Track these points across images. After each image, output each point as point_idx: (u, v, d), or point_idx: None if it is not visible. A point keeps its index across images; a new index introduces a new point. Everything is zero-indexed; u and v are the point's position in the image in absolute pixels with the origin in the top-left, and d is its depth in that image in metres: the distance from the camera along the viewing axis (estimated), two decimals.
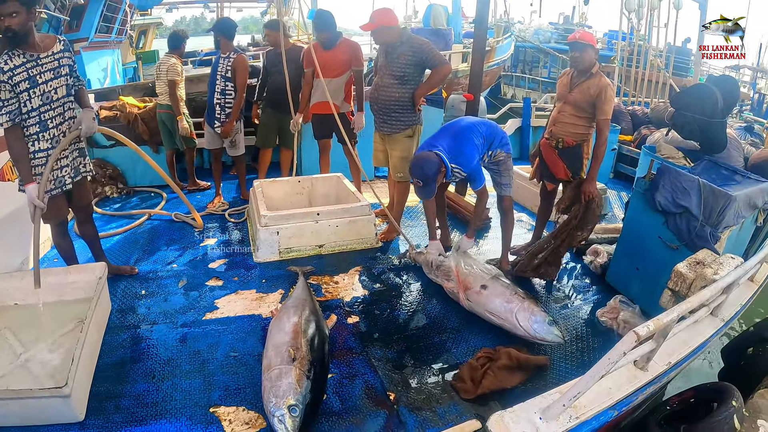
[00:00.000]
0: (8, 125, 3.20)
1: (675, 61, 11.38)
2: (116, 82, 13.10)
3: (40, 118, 3.32)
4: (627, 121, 7.96)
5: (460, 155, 3.86)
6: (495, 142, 4.05)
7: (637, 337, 1.90)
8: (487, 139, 4.00)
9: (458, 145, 3.88)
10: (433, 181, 3.77)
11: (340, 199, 5.29)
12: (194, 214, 5.19)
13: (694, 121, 4.50)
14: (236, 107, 5.33)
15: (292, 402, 2.60)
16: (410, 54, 4.45)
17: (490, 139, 4.03)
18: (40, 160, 3.37)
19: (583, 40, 3.91)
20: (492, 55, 15.72)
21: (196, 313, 3.82)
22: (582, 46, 3.92)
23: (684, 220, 3.59)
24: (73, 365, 2.66)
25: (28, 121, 3.28)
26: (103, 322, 3.54)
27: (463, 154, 3.86)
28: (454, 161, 3.85)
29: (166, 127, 6.07)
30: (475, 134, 3.95)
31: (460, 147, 3.87)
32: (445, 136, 3.97)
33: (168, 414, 2.85)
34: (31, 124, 3.30)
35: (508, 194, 4.27)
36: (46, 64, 3.30)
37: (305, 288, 3.79)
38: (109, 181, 6.12)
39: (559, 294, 4.25)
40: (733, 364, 3.99)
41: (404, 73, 4.50)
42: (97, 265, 3.63)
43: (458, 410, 2.92)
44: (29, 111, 3.26)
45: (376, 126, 4.90)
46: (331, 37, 5.13)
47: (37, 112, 3.30)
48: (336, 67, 5.17)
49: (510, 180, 4.25)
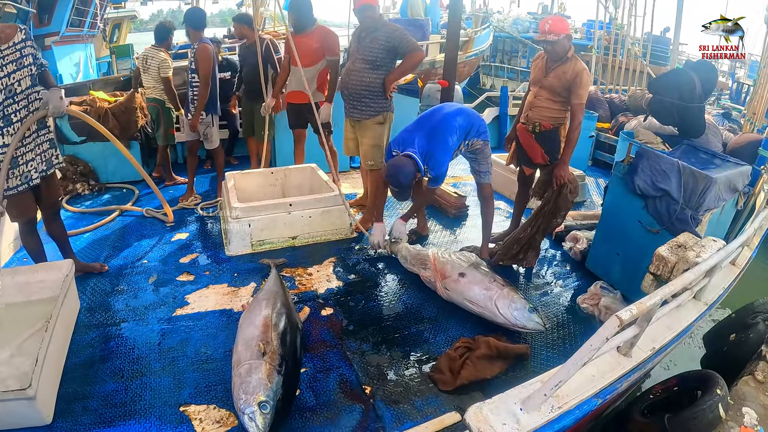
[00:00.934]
0: None
1: (653, 50, 11.41)
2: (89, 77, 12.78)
3: (3, 112, 3.16)
4: (604, 108, 7.94)
5: (432, 158, 3.80)
6: (472, 131, 3.96)
7: (620, 321, 1.81)
8: (463, 130, 3.92)
9: (431, 146, 3.80)
10: (409, 188, 3.76)
11: (314, 189, 5.17)
12: (166, 208, 5.03)
13: (672, 107, 4.45)
14: (200, 99, 5.13)
15: (263, 398, 2.49)
16: (383, 39, 4.36)
17: (467, 129, 3.94)
18: (3, 156, 3.19)
19: (553, 32, 3.78)
20: (470, 45, 15.66)
21: (166, 309, 3.69)
22: (552, 43, 3.82)
23: (664, 204, 3.53)
24: (37, 366, 2.55)
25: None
26: (71, 321, 3.42)
27: (434, 157, 3.79)
28: (426, 162, 3.80)
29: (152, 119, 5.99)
30: (450, 131, 3.85)
31: (433, 149, 3.80)
32: (420, 132, 3.87)
33: (137, 414, 2.75)
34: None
35: (488, 182, 4.19)
36: (7, 56, 3.13)
37: (277, 280, 3.67)
38: (80, 178, 5.95)
39: (539, 281, 4.19)
40: (715, 351, 3.96)
41: (376, 57, 4.41)
42: (63, 263, 3.48)
43: (437, 403, 2.83)
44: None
45: (346, 112, 4.80)
46: (301, 20, 4.96)
47: (0, 107, 3.14)
48: (309, 55, 5.00)
49: (489, 167, 4.17)
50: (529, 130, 4.15)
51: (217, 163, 5.77)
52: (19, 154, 3.29)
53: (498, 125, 8.29)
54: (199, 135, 5.44)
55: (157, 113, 5.86)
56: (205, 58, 5.00)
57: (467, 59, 15.57)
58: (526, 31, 20.68)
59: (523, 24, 21.97)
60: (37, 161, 3.45)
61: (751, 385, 3.28)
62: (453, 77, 5.74)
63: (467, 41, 15.42)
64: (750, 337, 3.69)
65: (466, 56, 15.39)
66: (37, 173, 3.45)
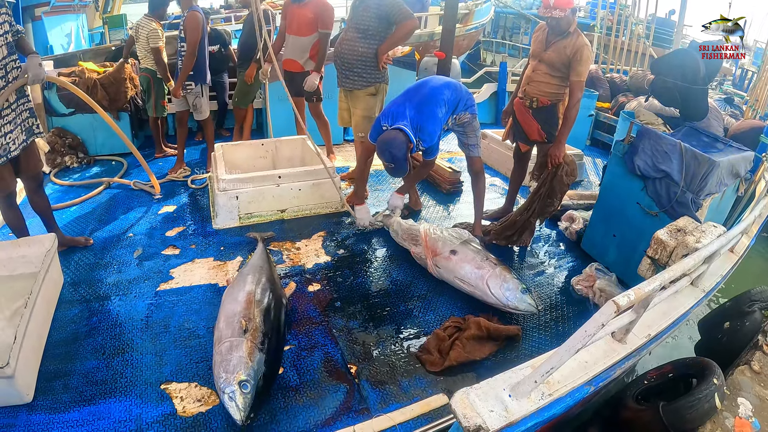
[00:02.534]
0: None
1: (657, 32, 11.21)
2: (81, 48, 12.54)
3: None
4: (605, 88, 7.80)
5: (423, 131, 3.66)
6: (459, 105, 3.83)
7: (617, 307, 1.72)
8: (451, 104, 3.79)
9: (422, 118, 3.66)
10: (404, 161, 3.59)
11: (306, 162, 5.06)
12: (153, 179, 4.92)
13: (674, 88, 4.34)
14: (185, 68, 4.99)
15: (243, 377, 2.42)
16: (374, 7, 4.24)
17: (455, 103, 3.81)
18: None
19: (559, 7, 3.63)
20: (470, 18, 15.31)
21: (150, 284, 3.61)
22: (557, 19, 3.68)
23: (664, 186, 3.43)
24: (16, 344, 2.48)
25: None
26: (53, 297, 3.34)
27: (425, 130, 3.66)
28: (417, 135, 3.66)
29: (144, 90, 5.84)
30: (438, 104, 3.72)
31: (424, 122, 3.66)
32: (409, 104, 3.72)
33: (117, 392, 2.69)
34: None
35: (477, 155, 4.06)
36: None
37: (263, 255, 3.58)
38: (68, 151, 5.81)
39: (533, 260, 4.11)
40: (710, 338, 3.89)
41: (368, 26, 4.29)
42: (46, 237, 3.38)
43: (424, 384, 2.77)
44: None
45: (339, 81, 4.67)
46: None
47: None
48: (303, 25, 4.95)
49: (477, 140, 4.04)
50: (526, 105, 4.03)
51: (207, 134, 5.64)
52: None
53: (496, 101, 8.16)
54: (188, 106, 5.29)
55: (148, 84, 5.69)
56: (194, 27, 4.85)
57: (467, 32, 15.24)
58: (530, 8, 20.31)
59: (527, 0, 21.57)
60: (17, 132, 3.32)
61: (747, 375, 3.22)
62: (450, 49, 5.59)
63: (467, 14, 15.08)
64: (746, 326, 3.62)
65: (466, 29, 15.05)
66: (16, 145, 3.32)
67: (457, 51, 13.91)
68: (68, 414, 2.53)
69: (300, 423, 2.50)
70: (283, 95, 5.48)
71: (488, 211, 4.67)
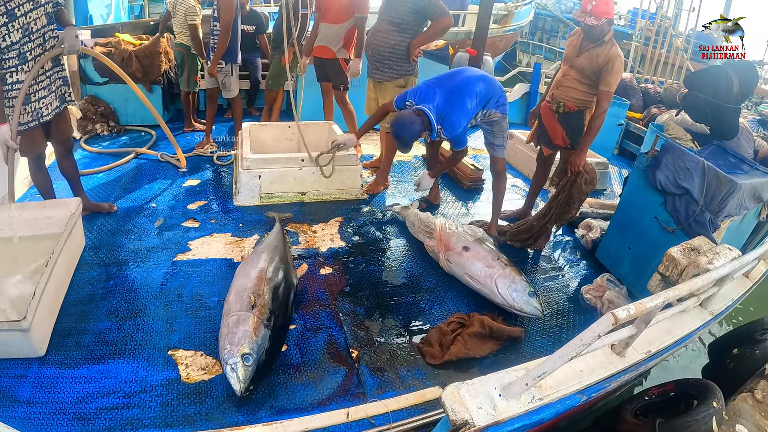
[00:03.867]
0: None
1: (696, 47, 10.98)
2: (120, 20, 12.69)
3: (19, 51, 3.17)
4: (638, 97, 7.67)
5: (447, 119, 3.64)
6: (491, 101, 3.81)
7: (615, 320, 1.73)
8: (482, 97, 3.76)
9: (449, 107, 3.64)
10: (409, 143, 3.60)
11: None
12: (179, 153, 5.05)
13: (706, 104, 4.25)
14: (218, 47, 5.04)
15: (247, 351, 2.49)
16: (412, 1, 4.24)
17: (487, 98, 3.79)
18: (17, 92, 3.21)
19: (595, 14, 3.59)
20: (509, 19, 15.09)
21: (168, 253, 3.71)
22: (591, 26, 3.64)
23: (683, 203, 3.40)
24: (34, 300, 2.58)
25: (7, 54, 3.12)
26: (74, 259, 3.45)
27: (449, 119, 3.64)
28: (441, 123, 3.65)
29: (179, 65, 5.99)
30: (470, 95, 3.69)
31: (450, 111, 3.64)
32: (440, 91, 3.70)
33: (126, 354, 2.78)
34: (9, 57, 3.14)
35: (501, 156, 4.06)
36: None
37: (279, 234, 3.65)
38: (100, 119, 5.96)
39: (545, 265, 4.10)
40: (718, 362, 3.85)
41: (403, 20, 4.30)
42: (71, 201, 3.50)
43: (421, 375, 2.81)
44: (8, 45, 3.10)
45: (369, 72, 4.72)
46: None
47: (17, 45, 3.14)
48: (337, 12, 4.99)
49: (504, 141, 4.03)
50: (553, 109, 4.01)
51: (235, 112, 5.72)
52: (32, 92, 3.30)
53: (527, 102, 8.10)
54: (218, 83, 5.37)
55: (182, 59, 5.83)
56: (227, 6, 4.90)
57: (504, 34, 15.01)
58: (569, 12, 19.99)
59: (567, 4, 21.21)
60: (50, 98, 3.46)
61: (749, 403, 3.19)
62: (482, 46, 5.57)
63: (506, 15, 14.89)
64: (755, 353, 3.57)
65: (504, 30, 14.82)
66: (48, 110, 3.46)
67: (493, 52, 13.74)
68: (77, 370, 2.64)
69: (297, 400, 2.57)
70: (314, 80, 5.58)
71: (506, 212, 4.67)
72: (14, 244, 3.29)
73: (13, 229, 3.32)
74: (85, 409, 2.44)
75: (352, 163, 4.67)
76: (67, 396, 2.49)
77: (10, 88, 3.20)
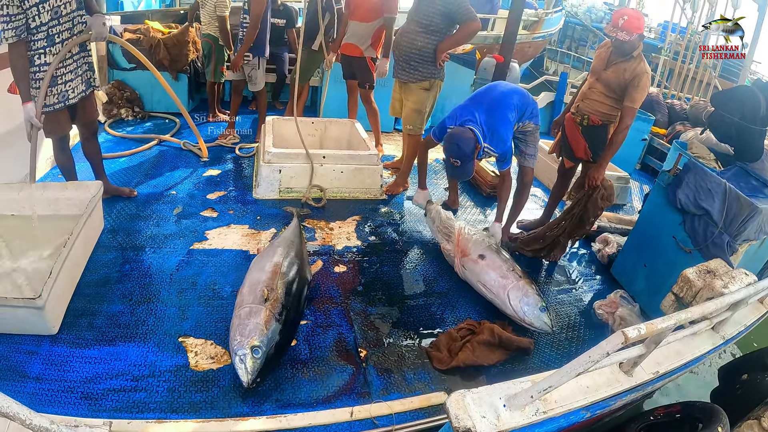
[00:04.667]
0: (13, 41, 3.11)
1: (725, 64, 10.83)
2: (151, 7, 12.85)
3: (48, 32, 3.23)
4: (663, 113, 7.58)
5: (495, 135, 3.61)
6: (526, 113, 3.80)
7: (625, 338, 1.72)
8: (519, 110, 3.75)
9: (494, 122, 3.62)
10: (471, 160, 3.54)
11: (352, 145, 5.13)
12: (201, 143, 5.11)
13: (731, 124, 4.20)
14: (246, 40, 5.06)
15: (256, 343, 2.51)
16: (441, 4, 4.23)
17: (522, 110, 3.77)
18: (44, 74, 3.28)
19: (627, 30, 3.56)
20: (539, 26, 14.99)
21: (185, 241, 3.75)
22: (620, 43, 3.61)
23: (702, 224, 3.37)
24: (50, 278, 2.63)
25: (35, 35, 3.19)
26: (92, 240, 3.51)
27: (498, 134, 3.62)
28: (488, 141, 3.61)
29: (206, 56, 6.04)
30: (509, 108, 3.68)
31: (496, 126, 3.62)
32: (479, 107, 3.69)
33: (137, 338, 2.83)
34: (38, 39, 3.21)
35: (531, 166, 4.01)
36: None
37: (296, 230, 3.68)
38: (125, 104, 6.05)
39: (559, 277, 4.08)
40: (727, 386, 3.80)
41: (431, 22, 4.30)
42: (93, 184, 3.56)
43: (427, 379, 2.81)
44: (37, 26, 3.17)
45: (395, 72, 4.72)
46: None
47: (45, 27, 3.21)
48: (366, 11, 5.02)
49: (535, 152, 4.00)
50: (577, 122, 3.99)
51: (260, 105, 5.75)
52: (58, 74, 3.37)
53: (552, 111, 8.03)
54: (244, 76, 5.41)
55: (210, 49, 5.87)
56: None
57: (533, 40, 14.93)
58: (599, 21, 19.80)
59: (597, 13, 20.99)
60: (77, 82, 3.53)
61: (754, 430, 3.13)
62: (509, 53, 5.57)
63: (537, 22, 14.79)
64: (765, 380, 3.52)
65: (533, 37, 14.73)
66: (75, 93, 3.53)
67: (521, 58, 13.68)
68: (88, 350, 2.69)
69: (302, 395, 2.59)
70: (340, 77, 5.60)
71: (523, 221, 4.66)
72: (34, 223, 3.36)
73: (33, 208, 3.40)
74: (93, 389, 2.48)
75: (372, 163, 4.68)
76: (76, 375, 2.54)
77: (38, 69, 3.27)
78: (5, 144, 3.92)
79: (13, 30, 3.05)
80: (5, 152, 3.93)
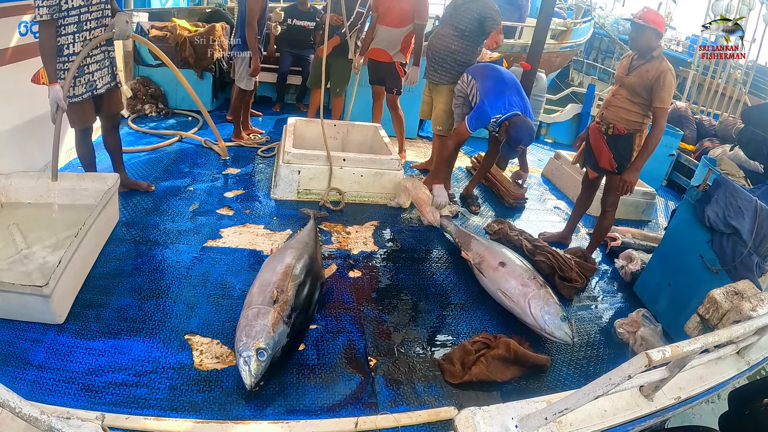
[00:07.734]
0: (47, 17, 3.14)
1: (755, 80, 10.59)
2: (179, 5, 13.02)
3: (78, 18, 3.30)
4: (691, 128, 7.42)
5: (527, 111, 4.12)
6: None
7: (649, 361, 1.62)
8: None
9: (525, 102, 4.14)
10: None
11: (374, 149, 5.05)
12: (220, 142, 5.10)
13: (762, 141, 4.08)
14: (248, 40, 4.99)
15: (262, 345, 2.44)
16: (476, 11, 4.39)
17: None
18: (71, 64, 3.33)
19: (644, 20, 3.55)
20: (567, 36, 14.82)
21: (198, 238, 3.72)
22: (638, 27, 3.61)
23: (731, 243, 3.22)
24: (59, 267, 2.60)
25: (66, 19, 3.25)
26: (105, 232, 3.50)
27: (529, 110, 4.15)
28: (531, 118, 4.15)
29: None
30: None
31: (526, 104, 4.15)
32: (509, 91, 4.12)
33: (143, 332, 2.79)
34: (68, 23, 3.26)
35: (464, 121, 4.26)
36: None
37: (312, 232, 3.60)
38: (149, 100, 6.10)
39: (580, 293, 3.93)
40: (737, 412, 3.63)
41: (465, 27, 4.45)
42: (110, 176, 3.55)
43: (438, 393, 2.71)
44: (69, 9, 3.23)
45: (426, 73, 4.82)
46: None
47: (76, 11, 3.27)
48: (396, 16, 5.00)
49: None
50: (602, 130, 3.89)
51: (232, 100, 5.62)
52: (85, 64, 3.43)
53: (578, 124, 7.91)
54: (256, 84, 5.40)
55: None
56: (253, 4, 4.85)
57: (561, 50, 14.77)
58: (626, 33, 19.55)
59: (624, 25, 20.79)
60: (104, 72, 3.60)
61: None
62: (536, 61, 5.49)
63: (565, 32, 14.62)
64: None
65: (561, 47, 14.58)
66: (102, 83, 3.60)
67: (549, 68, 13.54)
68: (93, 342, 2.65)
69: (307, 402, 2.51)
70: (365, 81, 5.56)
71: (546, 234, 4.56)
72: (49, 212, 3.37)
73: (53, 197, 3.41)
74: (95, 381, 2.45)
75: (394, 168, 4.60)
76: (78, 366, 2.51)
77: (66, 59, 3.32)
78: (27, 133, 3.94)
79: (47, 8, 3.10)
80: (27, 141, 3.95)
